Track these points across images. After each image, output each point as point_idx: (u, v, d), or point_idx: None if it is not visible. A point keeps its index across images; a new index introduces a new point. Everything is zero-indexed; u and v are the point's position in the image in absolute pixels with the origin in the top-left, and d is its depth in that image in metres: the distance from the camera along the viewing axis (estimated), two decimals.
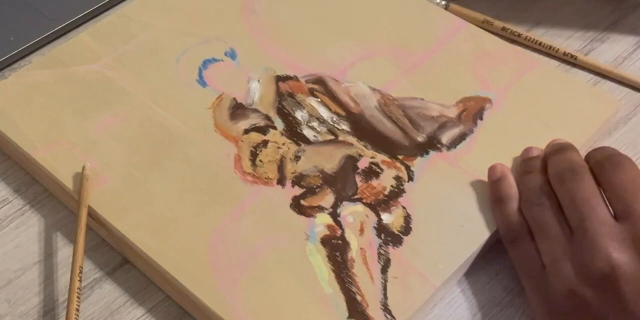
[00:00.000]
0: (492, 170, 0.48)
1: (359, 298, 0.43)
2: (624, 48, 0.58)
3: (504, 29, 0.58)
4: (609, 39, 0.59)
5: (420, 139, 0.50)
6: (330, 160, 0.49)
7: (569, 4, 0.61)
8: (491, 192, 0.47)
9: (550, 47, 0.57)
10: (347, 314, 0.43)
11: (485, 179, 0.48)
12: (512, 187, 0.46)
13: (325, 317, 0.43)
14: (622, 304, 0.39)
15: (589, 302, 0.40)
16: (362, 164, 0.49)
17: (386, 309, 0.43)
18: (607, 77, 0.56)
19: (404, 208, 0.47)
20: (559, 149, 0.46)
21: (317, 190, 0.48)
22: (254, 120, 0.51)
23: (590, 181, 0.43)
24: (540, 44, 0.57)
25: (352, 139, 0.50)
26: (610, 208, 0.42)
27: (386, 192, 0.48)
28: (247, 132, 0.51)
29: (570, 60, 0.57)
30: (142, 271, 0.48)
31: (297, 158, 0.49)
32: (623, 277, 0.39)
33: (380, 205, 0.47)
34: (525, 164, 0.47)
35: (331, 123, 0.51)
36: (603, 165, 0.43)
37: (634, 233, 0.40)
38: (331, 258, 0.45)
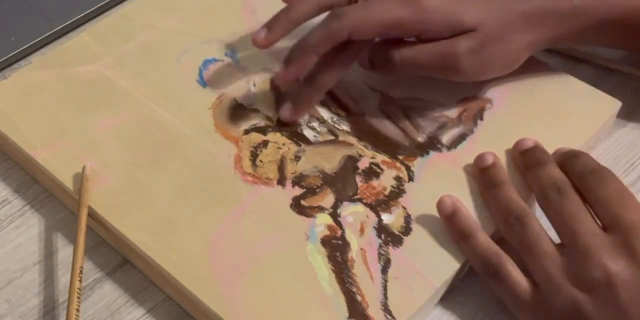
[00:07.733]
0: (440, 205, 0.46)
1: (359, 298, 0.43)
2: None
3: None
4: None
5: (420, 139, 0.50)
6: (330, 160, 0.49)
7: None
8: (449, 229, 0.45)
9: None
10: (347, 314, 0.43)
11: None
12: (468, 219, 0.45)
13: (325, 317, 0.43)
14: (621, 310, 0.40)
15: (590, 313, 0.40)
16: (362, 164, 0.49)
17: (386, 309, 0.43)
18: (607, 77, 0.56)
19: (404, 208, 0.47)
20: (535, 164, 0.46)
21: (317, 190, 0.48)
22: (254, 120, 0.51)
23: (575, 197, 0.43)
24: None
25: (352, 139, 0.50)
26: (597, 220, 0.43)
27: (386, 192, 0.48)
28: (247, 132, 0.51)
29: (572, 54, 0.57)
30: (142, 271, 0.48)
31: (297, 158, 0.49)
32: (619, 283, 0.40)
33: (380, 205, 0.47)
34: (485, 178, 0.47)
35: (331, 123, 0.51)
36: (586, 179, 0.44)
37: (625, 241, 0.41)
38: (331, 258, 0.45)
